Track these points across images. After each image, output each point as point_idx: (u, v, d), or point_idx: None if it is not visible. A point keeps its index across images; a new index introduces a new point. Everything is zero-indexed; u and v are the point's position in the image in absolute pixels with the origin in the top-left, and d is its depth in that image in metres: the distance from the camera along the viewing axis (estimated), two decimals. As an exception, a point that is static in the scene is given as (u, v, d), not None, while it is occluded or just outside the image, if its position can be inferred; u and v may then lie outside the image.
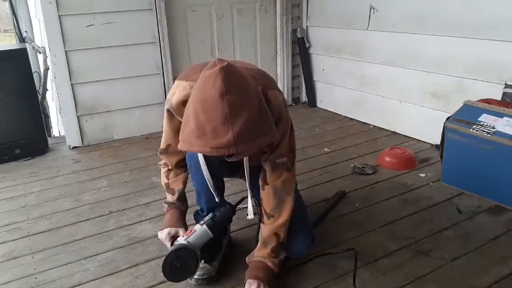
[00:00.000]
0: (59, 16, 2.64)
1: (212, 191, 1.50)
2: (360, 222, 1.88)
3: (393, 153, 2.45)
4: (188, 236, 1.40)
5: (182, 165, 1.57)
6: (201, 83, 1.13)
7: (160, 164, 1.62)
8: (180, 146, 1.17)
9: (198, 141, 1.10)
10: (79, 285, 1.55)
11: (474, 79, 2.40)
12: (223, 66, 1.10)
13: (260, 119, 1.14)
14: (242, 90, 1.11)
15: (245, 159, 1.39)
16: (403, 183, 2.25)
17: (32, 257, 1.72)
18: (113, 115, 2.97)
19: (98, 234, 1.87)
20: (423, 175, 2.32)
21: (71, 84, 2.78)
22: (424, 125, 2.74)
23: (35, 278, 1.60)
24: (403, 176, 2.33)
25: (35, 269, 1.65)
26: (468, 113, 2.09)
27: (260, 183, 1.45)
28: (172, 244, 1.45)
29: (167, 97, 1.40)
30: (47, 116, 3.27)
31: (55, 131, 3.45)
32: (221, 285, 1.52)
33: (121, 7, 2.80)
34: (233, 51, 3.40)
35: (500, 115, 1.98)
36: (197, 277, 1.52)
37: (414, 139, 2.82)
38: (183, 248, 1.37)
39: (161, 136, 1.53)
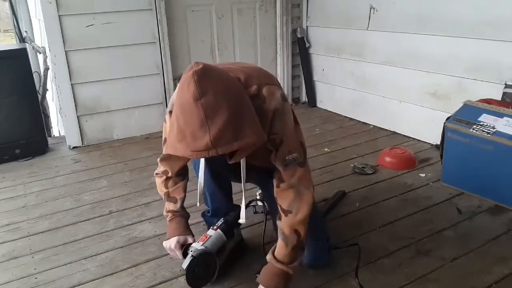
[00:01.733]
0: (59, 16, 2.64)
1: (201, 194, 1.50)
2: (360, 222, 1.88)
3: (393, 153, 2.45)
4: (205, 242, 1.40)
5: (181, 173, 1.56)
6: (179, 87, 1.14)
7: (157, 174, 1.58)
8: (165, 150, 1.18)
9: (180, 144, 1.11)
10: (79, 285, 1.55)
11: (474, 79, 2.40)
12: (196, 70, 1.09)
13: (241, 120, 1.12)
14: (218, 92, 1.09)
15: (242, 161, 1.37)
16: (403, 183, 2.25)
17: (32, 257, 1.72)
18: (113, 115, 2.97)
19: (98, 234, 1.87)
20: (423, 175, 2.32)
21: (71, 84, 2.78)
22: (424, 125, 2.74)
23: (35, 278, 1.60)
24: (403, 176, 2.33)
25: (35, 269, 1.65)
26: (468, 113, 2.09)
27: (275, 182, 1.39)
28: (183, 253, 1.43)
29: (170, 99, 1.38)
30: (47, 116, 3.27)
31: (55, 131, 3.45)
32: (221, 285, 1.52)
33: (121, 7, 2.80)
34: (233, 51, 3.40)
35: (500, 115, 1.98)
36: None
37: (414, 139, 2.82)
38: (204, 254, 1.37)
39: (161, 136, 1.51)
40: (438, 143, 2.37)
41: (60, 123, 3.22)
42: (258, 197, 2.01)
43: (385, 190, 2.18)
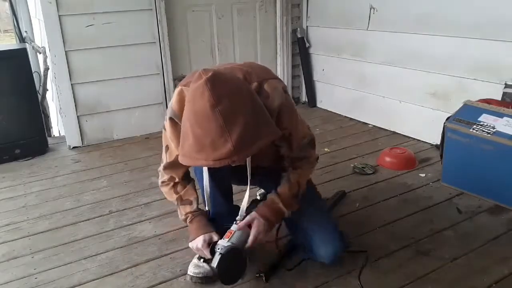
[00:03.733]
0: (59, 16, 2.64)
1: (208, 198, 1.51)
2: (360, 222, 1.88)
3: (393, 153, 2.45)
4: (230, 238, 1.39)
5: (187, 176, 1.56)
6: (190, 97, 1.14)
7: (163, 182, 1.56)
8: (183, 161, 1.17)
9: (199, 155, 1.10)
10: (79, 285, 1.55)
11: (474, 79, 2.40)
12: (208, 77, 1.09)
13: (257, 121, 1.13)
14: (233, 97, 1.10)
15: (248, 160, 1.38)
16: (403, 183, 2.25)
17: (32, 257, 1.72)
18: (113, 115, 2.97)
19: (98, 234, 1.87)
20: (423, 175, 2.32)
21: (71, 84, 2.78)
22: (424, 125, 2.74)
23: (35, 278, 1.60)
24: (403, 176, 2.33)
25: (35, 269, 1.65)
26: (468, 113, 2.08)
27: (287, 162, 1.46)
28: (211, 251, 1.43)
29: (168, 106, 1.37)
30: (47, 116, 3.27)
31: (55, 131, 3.45)
32: (221, 284, 1.52)
33: (121, 7, 2.80)
34: (233, 51, 3.40)
35: (500, 115, 1.98)
36: (191, 274, 1.52)
37: (414, 139, 2.82)
38: (232, 250, 1.36)
39: (161, 137, 1.51)
40: (438, 143, 2.37)
41: (60, 123, 3.22)
42: (259, 197, 2.01)
43: (385, 190, 2.18)
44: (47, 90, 3.24)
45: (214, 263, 1.36)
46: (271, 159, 1.47)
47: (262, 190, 1.76)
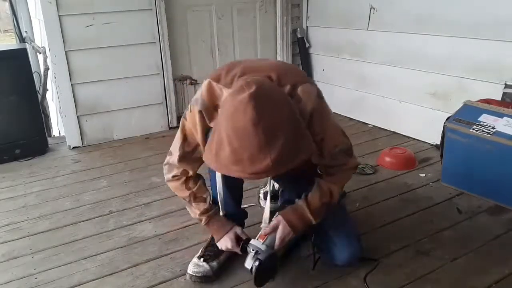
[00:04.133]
0: (59, 16, 2.63)
1: (221, 200, 1.50)
2: (360, 222, 1.88)
3: (393, 153, 2.45)
4: (265, 240, 1.40)
5: (198, 173, 1.51)
6: (231, 110, 1.11)
7: (174, 176, 1.47)
8: (216, 168, 1.16)
9: (236, 167, 1.10)
10: (79, 285, 1.55)
11: (474, 79, 2.40)
12: (252, 93, 1.07)
13: (296, 136, 1.12)
14: (274, 113, 1.09)
15: None
16: (403, 183, 2.25)
17: (32, 257, 1.72)
18: (113, 115, 2.97)
19: (98, 234, 1.87)
20: (423, 175, 2.32)
21: (71, 84, 2.78)
22: (424, 125, 2.74)
23: (35, 278, 1.60)
24: (403, 176, 2.33)
25: (35, 269, 1.65)
26: (468, 113, 2.08)
27: (321, 170, 1.44)
28: (242, 248, 1.44)
29: (196, 96, 1.33)
30: (47, 116, 3.27)
31: (55, 131, 3.45)
32: (221, 284, 1.52)
33: (121, 7, 2.80)
34: (233, 51, 3.40)
35: (500, 115, 1.98)
36: (191, 273, 1.52)
37: (414, 139, 2.82)
38: (270, 256, 1.37)
39: (162, 136, 1.50)
40: (438, 143, 2.37)
41: (60, 123, 3.22)
42: (261, 196, 2.01)
43: (385, 190, 2.18)
44: (47, 90, 3.24)
45: (248, 265, 1.37)
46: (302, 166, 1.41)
47: (266, 188, 1.75)
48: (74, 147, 2.88)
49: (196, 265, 1.54)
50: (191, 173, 1.46)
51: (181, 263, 1.64)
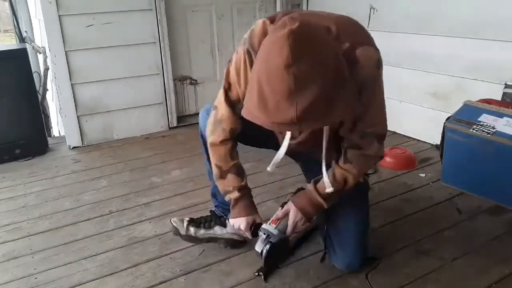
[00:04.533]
0: (59, 16, 2.63)
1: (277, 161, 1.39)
2: (360, 222, 1.88)
3: (393, 153, 2.45)
4: (277, 225, 1.40)
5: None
6: (267, 47, 0.99)
7: (222, 141, 1.36)
8: (243, 113, 1.05)
9: (260, 113, 0.99)
10: (79, 285, 1.55)
11: (474, 79, 2.40)
12: (292, 29, 0.93)
13: (333, 93, 0.97)
14: (314, 59, 0.94)
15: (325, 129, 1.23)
16: (403, 183, 2.25)
17: (32, 257, 1.72)
18: (113, 115, 2.97)
19: (98, 234, 1.87)
20: (423, 175, 2.32)
21: (71, 84, 2.78)
22: (424, 125, 2.74)
23: (35, 278, 1.60)
24: (403, 176, 2.33)
25: (35, 269, 1.65)
26: (468, 113, 2.09)
27: (344, 146, 1.30)
28: (252, 232, 1.43)
29: (245, 36, 1.22)
30: (47, 116, 3.27)
31: (55, 131, 3.45)
32: (221, 284, 1.52)
33: (121, 7, 2.80)
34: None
35: (500, 115, 1.98)
36: (172, 221, 1.65)
37: (414, 139, 2.82)
38: (281, 240, 1.38)
39: (162, 136, 1.50)
40: (438, 143, 2.37)
41: (60, 123, 3.22)
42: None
43: (385, 190, 2.18)
44: (47, 90, 3.24)
45: (259, 248, 1.37)
46: (328, 138, 1.27)
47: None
48: (74, 147, 2.88)
49: (180, 221, 1.65)
50: (237, 130, 1.36)
51: (181, 263, 1.64)
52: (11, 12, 3.49)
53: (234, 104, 1.31)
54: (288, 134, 1.29)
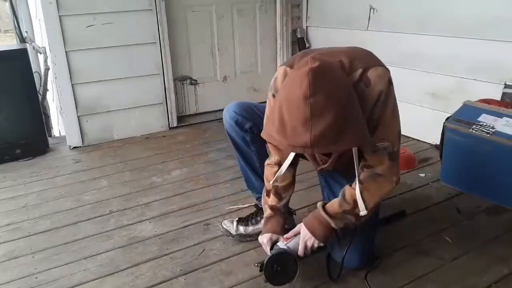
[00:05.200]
0: (60, 16, 2.64)
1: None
2: (360, 222, 1.88)
3: (393, 153, 2.45)
4: (288, 242, 1.43)
5: (293, 161, 1.48)
6: (290, 80, 1.15)
7: (269, 164, 1.55)
8: (262, 134, 1.21)
9: (278, 135, 1.13)
10: (79, 285, 1.56)
11: (474, 79, 2.40)
12: (313, 67, 1.09)
13: (345, 124, 1.11)
14: (329, 94, 1.09)
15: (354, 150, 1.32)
16: (403, 183, 2.25)
17: (33, 257, 1.73)
18: (113, 115, 2.98)
19: (99, 234, 1.87)
20: (423, 175, 2.33)
21: (72, 84, 2.78)
22: (424, 125, 2.74)
23: (36, 277, 1.60)
24: (403, 176, 2.32)
25: (35, 268, 1.65)
26: (467, 113, 2.09)
27: (360, 171, 1.37)
28: (271, 249, 1.47)
29: (271, 83, 1.38)
30: (47, 116, 3.27)
31: (55, 131, 3.46)
32: (221, 284, 1.53)
33: (121, 8, 2.80)
34: (233, 51, 3.40)
35: (500, 115, 1.99)
36: (222, 224, 1.78)
37: (414, 139, 2.82)
38: (282, 253, 1.40)
39: (162, 136, 1.51)
40: (438, 143, 2.37)
41: (60, 123, 3.23)
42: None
43: (385, 190, 2.17)
44: (48, 90, 3.24)
45: (265, 260, 1.40)
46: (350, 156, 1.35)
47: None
48: (74, 147, 2.88)
49: (230, 222, 1.77)
50: (284, 162, 1.47)
51: (181, 262, 1.65)
52: (11, 12, 3.50)
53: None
54: (291, 156, 1.43)
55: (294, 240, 1.44)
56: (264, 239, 1.51)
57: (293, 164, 1.53)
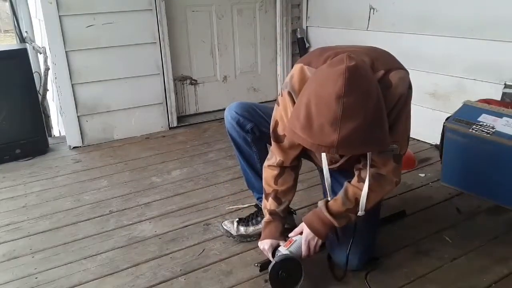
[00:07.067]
0: (60, 16, 2.64)
1: (326, 188, 1.48)
2: (360, 222, 1.88)
3: (393, 153, 2.45)
4: (290, 246, 1.42)
5: (296, 163, 1.50)
6: (322, 77, 1.11)
7: (269, 165, 1.50)
8: (283, 129, 1.19)
9: (302, 132, 1.09)
10: (79, 285, 1.56)
11: (474, 79, 2.40)
12: (349, 66, 1.06)
13: (372, 128, 1.09)
14: (362, 96, 1.07)
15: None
16: (403, 183, 2.24)
17: (33, 257, 1.73)
18: (113, 115, 2.98)
19: (98, 234, 1.87)
20: (422, 175, 2.33)
21: (72, 84, 2.78)
22: (424, 125, 2.74)
23: (36, 278, 1.60)
24: (403, 176, 2.29)
25: (35, 269, 1.65)
26: (467, 113, 2.09)
27: (362, 162, 1.35)
28: (273, 255, 1.46)
29: (286, 80, 1.34)
30: (47, 116, 3.27)
31: (55, 131, 3.45)
32: (220, 284, 1.53)
33: (121, 7, 2.80)
34: (233, 51, 3.40)
35: (500, 115, 1.99)
36: (222, 225, 1.77)
37: (414, 139, 2.82)
38: (287, 259, 1.39)
39: (162, 136, 1.51)
40: (438, 143, 2.37)
41: (60, 123, 3.22)
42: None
43: (385, 190, 2.17)
44: (48, 90, 3.24)
45: (269, 268, 1.39)
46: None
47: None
48: (74, 147, 2.88)
49: (230, 223, 1.76)
50: (285, 163, 1.47)
51: (181, 262, 1.65)
52: (11, 12, 3.49)
53: (280, 139, 1.43)
54: (325, 160, 1.40)
55: (295, 243, 1.43)
56: (265, 245, 1.49)
57: (295, 167, 1.53)
